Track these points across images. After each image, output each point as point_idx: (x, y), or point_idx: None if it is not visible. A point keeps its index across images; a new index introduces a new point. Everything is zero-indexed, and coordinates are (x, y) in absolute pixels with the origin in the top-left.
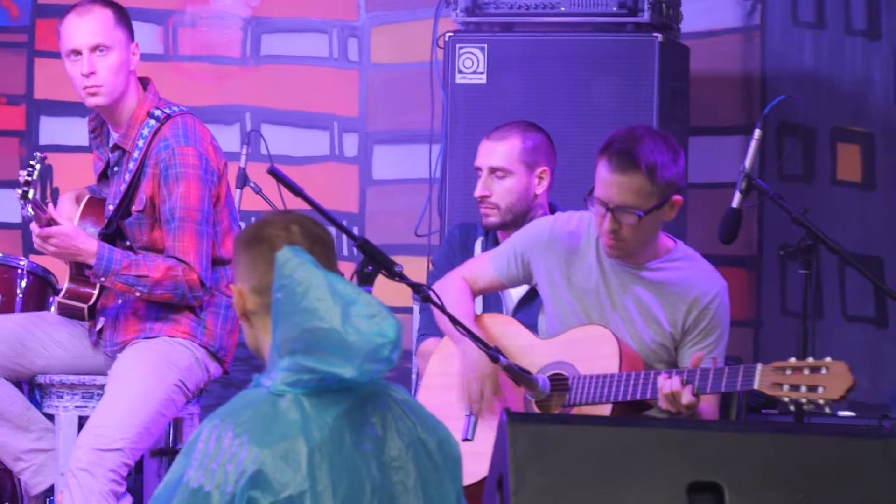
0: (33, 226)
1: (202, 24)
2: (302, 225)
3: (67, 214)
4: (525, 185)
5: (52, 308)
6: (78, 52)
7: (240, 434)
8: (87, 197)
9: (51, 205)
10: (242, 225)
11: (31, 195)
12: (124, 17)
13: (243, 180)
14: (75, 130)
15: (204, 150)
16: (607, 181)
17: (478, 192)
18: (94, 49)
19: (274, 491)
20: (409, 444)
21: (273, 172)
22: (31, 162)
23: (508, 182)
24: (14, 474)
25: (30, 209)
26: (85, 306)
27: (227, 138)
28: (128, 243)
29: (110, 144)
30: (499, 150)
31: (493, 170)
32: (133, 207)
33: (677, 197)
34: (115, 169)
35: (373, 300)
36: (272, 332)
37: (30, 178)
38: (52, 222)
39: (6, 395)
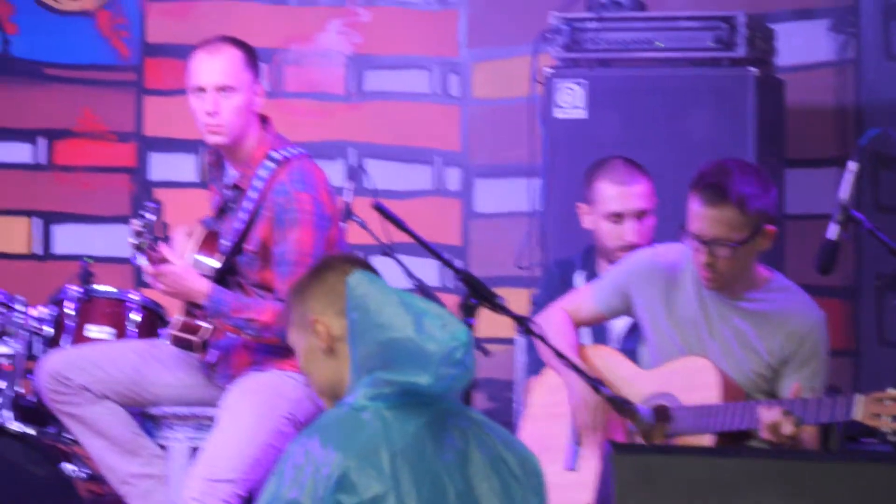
0: (143, 265)
1: (306, 61)
2: (361, 263)
3: (180, 248)
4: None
5: (165, 340)
6: (203, 90)
7: (325, 443)
8: (205, 231)
9: (162, 244)
10: None
11: (143, 245)
12: (253, 59)
13: (348, 215)
14: (184, 167)
15: (319, 195)
16: (699, 215)
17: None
18: (221, 89)
19: (358, 493)
20: (490, 459)
21: (377, 207)
22: (143, 212)
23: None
24: (120, 497)
25: (140, 258)
26: (198, 339)
27: (332, 173)
28: (239, 279)
29: (228, 182)
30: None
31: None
32: (246, 246)
33: (770, 227)
34: (231, 206)
35: (442, 309)
36: (350, 354)
37: (142, 229)
38: (164, 261)
39: (118, 419)
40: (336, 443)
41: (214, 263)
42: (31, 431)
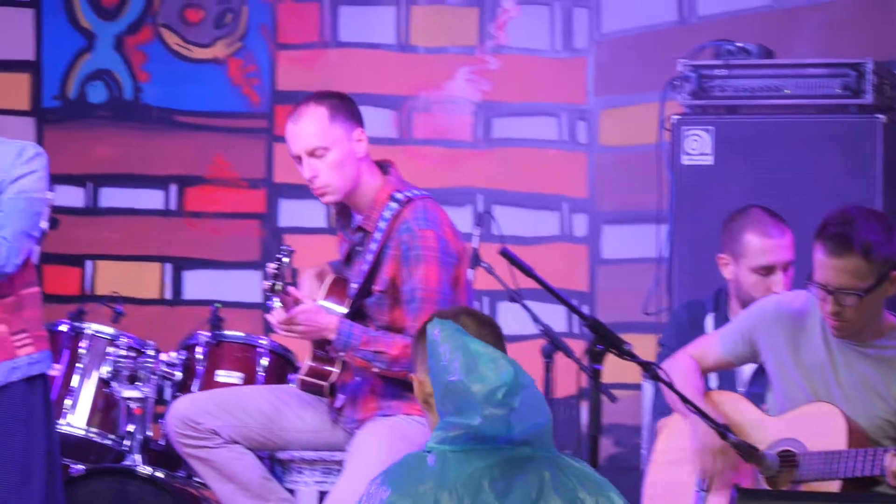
0: (274, 313)
1: (435, 108)
2: (471, 315)
3: (309, 291)
4: None
5: (293, 385)
6: (299, 158)
7: (384, 482)
8: (332, 277)
9: (292, 288)
10: (477, 305)
11: (277, 288)
12: (341, 109)
13: (475, 261)
14: (313, 213)
15: (443, 233)
16: (824, 265)
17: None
18: (312, 153)
19: None
20: (568, 501)
21: (504, 253)
22: (278, 255)
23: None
24: None
25: (275, 301)
26: (325, 384)
27: (460, 219)
28: (368, 322)
29: (353, 226)
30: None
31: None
32: (374, 287)
33: None
34: (358, 249)
35: (496, 352)
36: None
37: (277, 272)
38: (296, 302)
39: (248, 464)
40: (392, 481)
41: (342, 309)
42: (160, 475)
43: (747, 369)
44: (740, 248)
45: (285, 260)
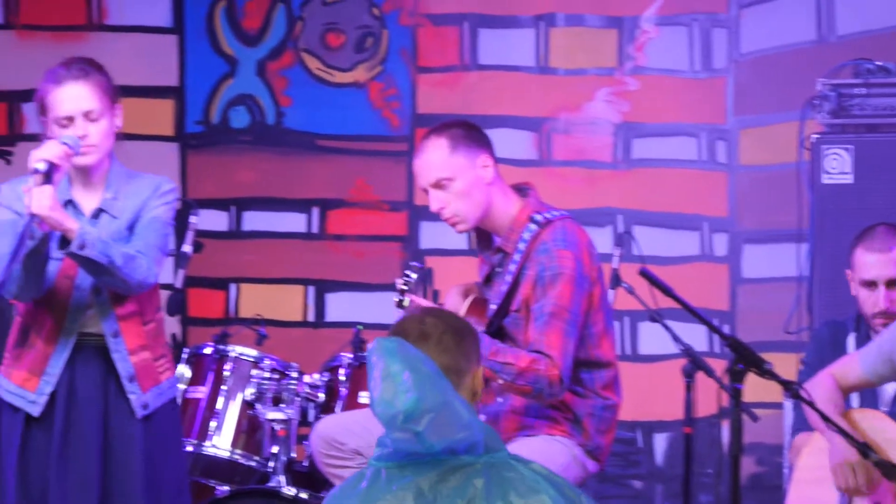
0: None
1: (575, 130)
2: (438, 318)
3: (453, 307)
4: None
5: None
6: (427, 191)
7: (325, 500)
8: (473, 297)
9: (416, 296)
10: (617, 325)
11: (405, 303)
12: (463, 138)
13: (616, 281)
14: (454, 234)
15: (580, 254)
16: None
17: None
18: (437, 185)
19: None
20: None
21: (644, 273)
22: (408, 271)
23: None
24: None
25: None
26: None
27: (600, 240)
28: (507, 343)
29: (493, 247)
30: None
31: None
32: (511, 307)
33: None
34: (498, 270)
35: (414, 379)
36: None
37: (405, 287)
38: None
39: None
40: (328, 499)
41: (480, 328)
42: (304, 496)
43: (889, 388)
44: (852, 262)
45: (413, 276)
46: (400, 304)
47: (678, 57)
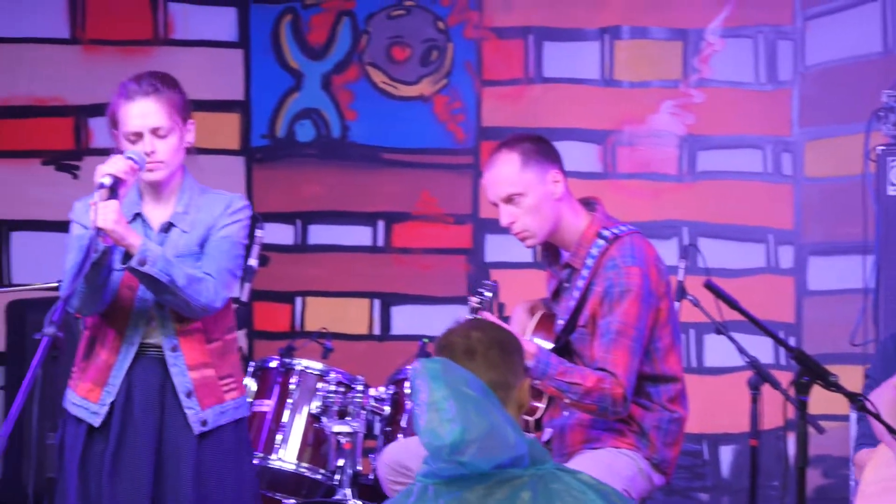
0: None
1: (639, 142)
2: (483, 332)
3: (521, 326)
4: None
5: None
6: (497, 205)
7: None
8: (541, 312)
9: (486, 313)
10: (683, 337)
11: None
12: (534, 153)
13: (681, 293)
14: (519, 247)
15: (647, 270)
16: None
17: None
18: (507, 200)
19: None
20: None
21: (709, 286)
22: (481, 290)
23: None
24: None
25: None
26: (532, 419)
27: (665, 252)
28: (574, 359)
29: (561, 263)
30: None
31: None
32: (579, 323)
33: None
34: (566, 286)
35: (458, 408)
36: None
37: (479, 305)
38: None
39: None
40: None
41: (548, 344)
42: None
43: None
44: None
45: (488, 294)
46: None
47: (743, 69)
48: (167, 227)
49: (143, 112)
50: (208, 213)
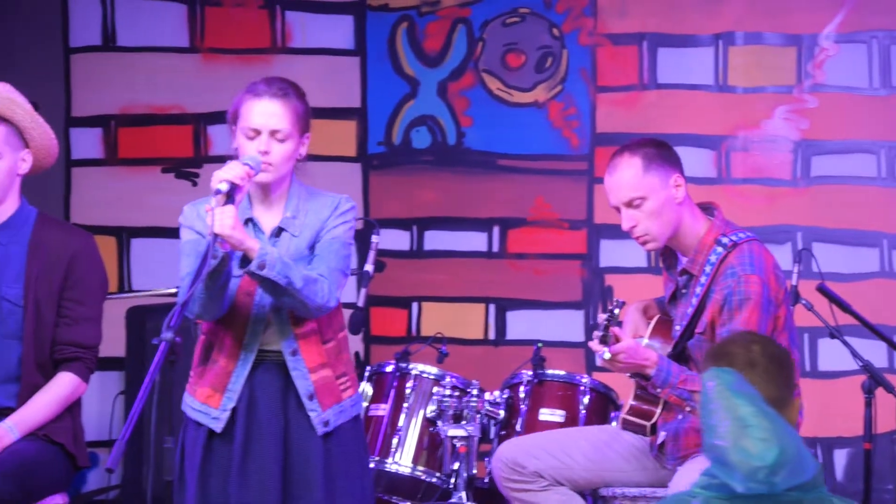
0: (605, 358)
1: (754, 147)
2: (763, 345)
3: (634, 326)
4: None
5: (614, 423)
6: (618, 209)
7: None
8: (658, 317)
9: (615, 328)
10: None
11: (607, 339)
12: (656, 158)
13: (795, 297)
14: (634, 253)
15: (767, 277)
16: None
17: None
18: (629, 204)
19: None
20: None
21: (822, 290)
22: (611, 308)
23: None
24: None
25: (606, 351)
26: (647, 423)
27: (779, 257)
28: (690, 365)
29: (679, 268)
30: None
31: None
32: (697, 330)
33: None
34: (683, 291)
35: (769, 426)
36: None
37: (608, 322)
38: (616, 340)
39: None
40: None
41: (665, 349)
42: None
43: None
44: None
45: (616, 312)
46: (603, 340)
47: (857, 74)
48: (278, 231)
49: (267, 111)
50: (316, 216)
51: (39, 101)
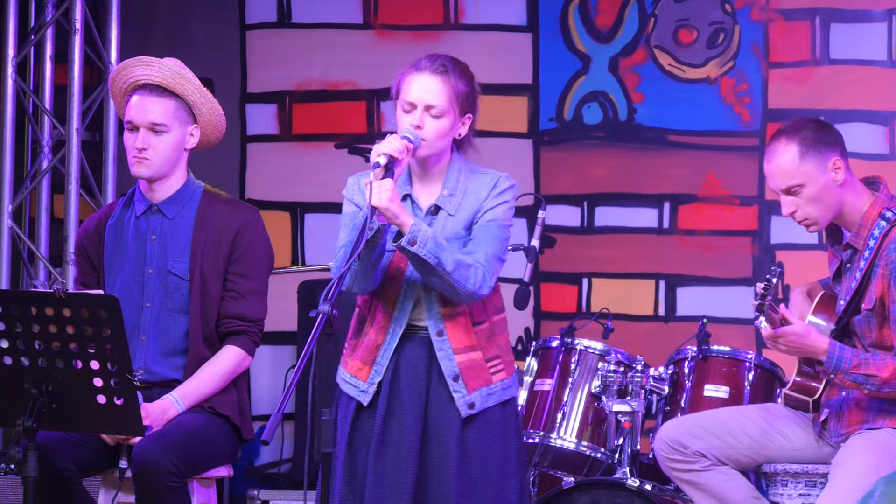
0: (762, 327)
1: None
2: None
3: (799, 310)
4: None
5: (778, 399)
6: (779, 193)
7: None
8: (821, 293)
9: (782, 306)
10: None
11: (764, 307)
12: (813, 142)
13: None
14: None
15: None
16: None
17: None
18: (787, 191)
19: None
20: None
21: None
22: (768, 276)
23: None
24: None
25: (762, 320)
26: (810, 399)
27: None
28: (854, 340)
29: (843, 243)
30: None
31: None
32: (862, 305)
33: None
34: (848, 266)
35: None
36: None
37: (765, 291)
38: (783, 321)
39: (735, 484)
40: None
41: (829, 326)
42: (649, 487)
43: None
44: None
45: (773, 280)
46: (760, 308)
47: None
48: (434, 209)
49: (424, 87)
50: (474, 196)
51: (215, 78)
